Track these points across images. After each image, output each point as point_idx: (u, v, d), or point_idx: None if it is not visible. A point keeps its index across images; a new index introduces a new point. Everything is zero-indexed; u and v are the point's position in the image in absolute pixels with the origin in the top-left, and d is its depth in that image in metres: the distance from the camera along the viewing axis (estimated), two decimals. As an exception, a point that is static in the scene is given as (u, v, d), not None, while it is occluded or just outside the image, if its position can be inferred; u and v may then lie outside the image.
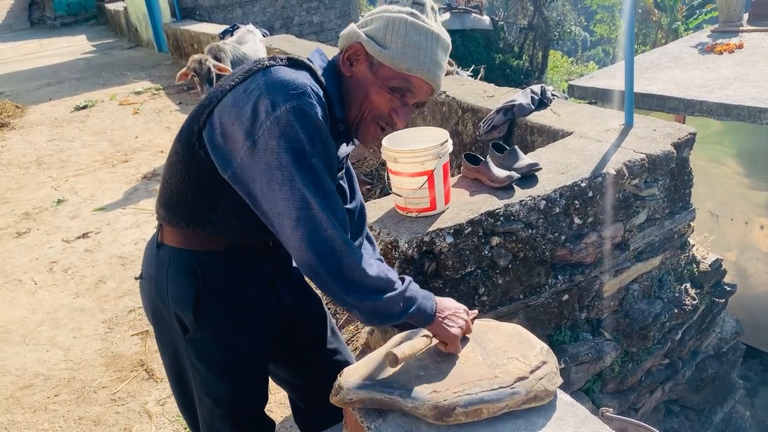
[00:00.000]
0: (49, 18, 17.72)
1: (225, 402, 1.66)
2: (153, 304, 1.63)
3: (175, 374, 1.71)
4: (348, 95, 1.52)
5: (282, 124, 1.33)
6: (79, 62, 11.27)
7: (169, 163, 1.56)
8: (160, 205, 1.59)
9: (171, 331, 1.62)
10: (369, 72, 1.49)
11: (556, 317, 2.69)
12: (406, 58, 1.46)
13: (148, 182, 5.40)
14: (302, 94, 1.36)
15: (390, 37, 1.46)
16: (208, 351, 1.60)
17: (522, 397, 1.43)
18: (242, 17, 10.33)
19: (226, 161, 1.41)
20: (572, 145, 2.87)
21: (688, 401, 3.51)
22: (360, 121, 1.53)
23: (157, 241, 1.61)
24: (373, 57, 1.48)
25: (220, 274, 1.56)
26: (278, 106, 1.34)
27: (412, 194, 2.26)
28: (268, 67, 1.43)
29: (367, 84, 1.49)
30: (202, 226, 1.52)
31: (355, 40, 1.49)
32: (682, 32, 15.44)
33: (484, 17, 18.52)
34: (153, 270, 1.61)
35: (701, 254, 3.29)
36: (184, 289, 1.54)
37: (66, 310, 3.60)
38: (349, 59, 1.51)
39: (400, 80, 1.48)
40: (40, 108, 8.16)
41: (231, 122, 1.39)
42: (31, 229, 4.70)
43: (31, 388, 2.99)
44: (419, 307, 1.46)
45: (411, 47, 1.46)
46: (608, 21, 26.87)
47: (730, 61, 5.78)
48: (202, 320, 1.56)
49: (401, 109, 1.52)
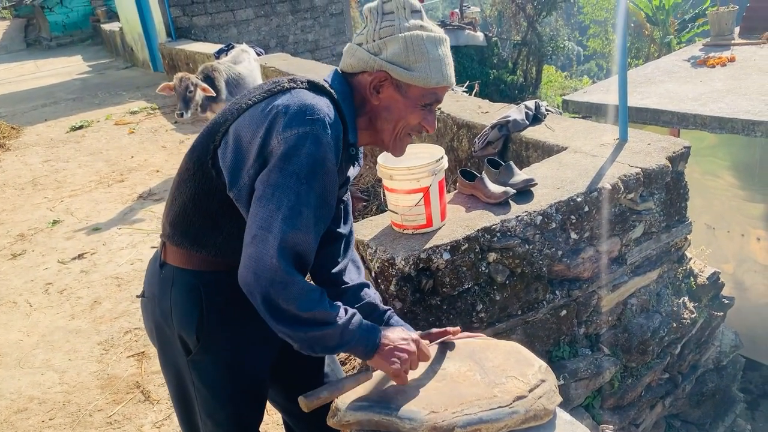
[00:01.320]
0: (44, 39, 17.81)
1: (226, 423, 1.65)
2: (156, 324, 1.61)
3: (178, 395, 1.69)
4: (377, 120, 1.54)
5: (288, 145, 1.34)
6: (74, 83, 11.31)
7: (180, 180, 1.55)
8: (167, 223, 1.58)
9: (174, 351, 1.60)
10: (399, 95, 1.51)
11: (555, 333, 2.68)
12: (433, 74, 1.49)
13: (143, 202, 5.38)
14: (317, 120, 1.36)
15: (414, 57, 1.47)
16: (210, 372, 1.59)
17: (521, 416, 1.42)
18: (237, 36, 10.38)
19: (235, 179, 1.41)
20: (567, 160, 2.87)
21: (688, 416, 3.49)
22: (395, 139, 1.57)
23: (161, 260, 1.59)
24: (401, 80, 1.49)
25: (223, 296, 1.55)
26: (290, 129, 1.35)
27: (408, 211, 2.26)
28: (288, 89, 1.44)
29: (400, 107, 1.52)
30: (206, 248, 1.51)
31: (377, 69, 1.49)
32: (675, 46, 15.58)
33: (477, 33, 18.64)
34: (156, 289, 1.59)
35: (698, 267, 3.29)
36: (187, 310, 1.53)
37: (61, 332, 3.57)
38: (375, 88, 1.52)
39: (431, 95, 1.52)
40: (36, 129, 8.16)
41: (247, 141, 1.40)
42: (26, 250, 4.67)
43: (26, 412, 2.96)
44: (358, 342, 1.44)
45: (435, 62, 1.49)
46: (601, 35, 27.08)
47: (722, 75, 5.83)
48: (205, 341, 1.55)
49: (429, 116, 1.56)
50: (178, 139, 7.02)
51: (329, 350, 1.43)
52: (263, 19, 10.96)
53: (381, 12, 1.50)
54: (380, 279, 2.28)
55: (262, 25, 10.96)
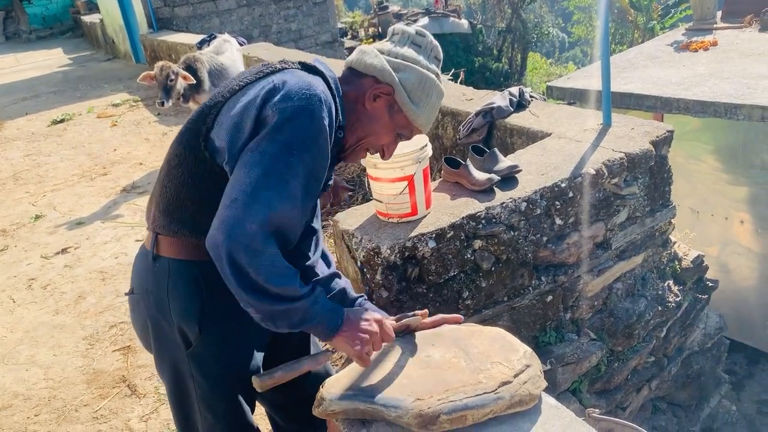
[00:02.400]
0: (24, 32, 17.54)
1: (225, 415, 1.64)
2: (152, 320, 1.58)
3: (176, 391, 1.67)
4: (355, 122, 1.57)
5: (282, 116, 1.34)
6: (55, 75, 11.15)
7: (169, 168, 1.52)
8: (159, 213, 1.54)
9: (172, 346, 1.58)
10: (387, 113, 1.58)
11: (541, 318, 2.69)
12: (424, 117, 1.61)
13: (127, 195, 5.33)
14: (313, 96, 1.38)
15: (420, 95, 1.58)
16: (211, 364, 1.58)
17: (506, 402, 1.42)
18: (220, 26, 10.28)
19: (231, 152, 1.40)
20: (551, 146, 2.87)
21: (674, 398, 3.52)
22: (354, 148, 1.61)
23: (153, 254, 1.55)
24: (398, 103, 1.57)
25: (223, 285, 1.52)
26: (286, 101, 1.36)
27: (392, 200, 2.25)
28: (281, 69, 1.47)
29: (380, 123, 1.58)
30: (204, 231, 1.49)
31: (388, 81, 1.55)
32: (658, 31, 15.62)
33: (462, 21, 18.61)
34: (149, 284, 1.56)
35: (683, 251, 3.31)
36: (188, 302, 1.51)
37: (45, 328, 3.54)
38: (375, 95, 1.56)
39: (410, 130, 1.63)
40: (17, 123, 8.05)
41: (241, 116, 1.40)
42: (9, 245, 4.61)
43: (11, 408, 2.93)
44: (319, 321, 1.42)
45: (430, 108, 1.61)
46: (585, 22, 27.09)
47: (705, 59, 5.85)
48: (206, 333, 1.53)
49: (393, 145, 1.66)
50: (162, 132, 6.95)
51: (291, 326, 1.41)
52: (246, 8, 10.85)
53: (411, 40, 1.61)
54: (366, 268, 2.27)
55: (244, 14, 10.85)
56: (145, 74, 4.74)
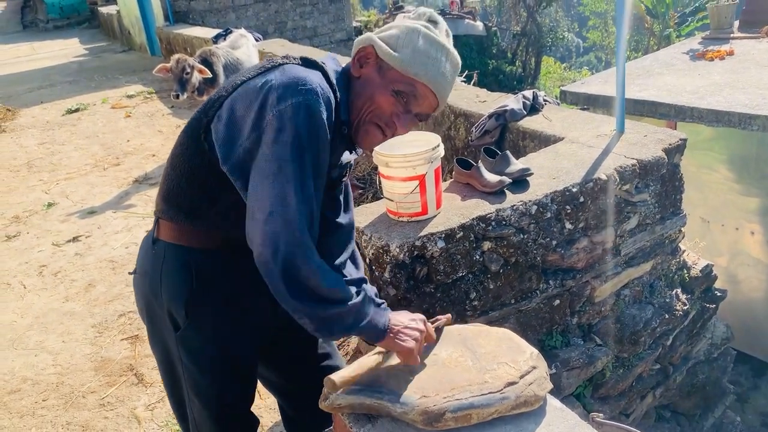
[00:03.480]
0: (41, 21, 17.67)
1: (214, 402, 1.65)
2: (146, 300, 1.62)
3: (166, 371, 1.70)
4: (354, 97, 1.53)
5: (284, 118, 1.34)
6: (71, 65, 11.23)
7: (172, 155, 1.56)
8: (160, 198, 1.59)
9: (163, 327, 1.61)
10: (377, 74, 1.51)
11: (548, 322, 2.69)
12: (414, 63, 1.48)
13: (139, 186, 5.37)
14: (309, 91, 1.37)
15: (402, 42, 1.49)
16: (198, 349, 1.59)
17: (511, 402, 1.43)
18: (236, 21, 10.33)
19: (228, 153, 1.41)
20: (564, 151, 2.87)
21: (679, 406, 3.52)
22: (360, 122, 1.53)
23: (153, 237, 1.60)
24: (383, 60, 1.50)
25: (214, 273, 1.55)
26: (284, 100, 1.35)
27: (403, 199, 2.26)
28: (281, 65, 1.45)
29: (373, 85, 1.50)
30: (200, 218, 1.51)
31: (368, 43, 1.52)
32: (674, 39, 15.55)
33: (477, 23, 18.57)
34: (147, 266, 1.60)
35: (692, 260, 3.30)
36: (177, 286, 1.54)
37: (55, 314, 3.57)
38: (360, 61, 1.53)
39: (406, 84, 1.49)
40: (32, 111, 8.12)
41: (240, 115, 1.41)
42: (21, 232, 4.66)
43: (19, 392, 2.97)
44: (370, 322, 1.44)
45: (420, 54, 1.48)
46: (601, 27, 27.02)
47: (720, 68, 5.82)
48: (194, 318, 1.55)
49: (403, 115, 1.52)
50: (175, 124, 7.00)
51: (345, 330, 1.43)
52: (262, 4, 10.90)
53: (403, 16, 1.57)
54: (374, 266, 2.28)
55: (260, 10, 10.90)
56: (161, 66, 4.77)
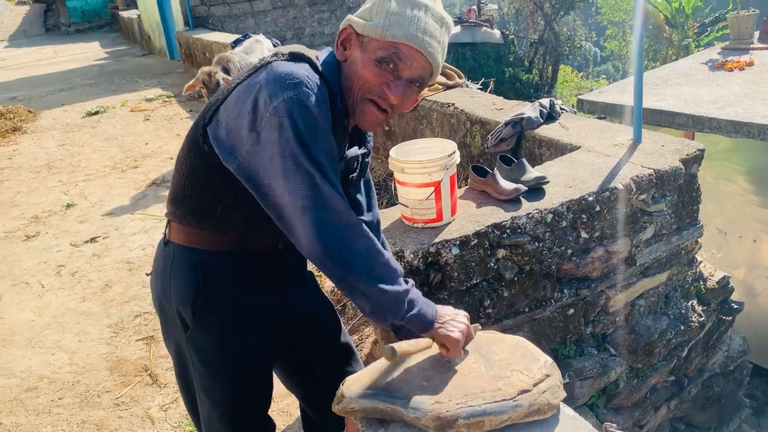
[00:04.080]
0: (63, 24, 17.93)
1: (222, 403, 1.66)
2: (158, 300, 1.65)
3: (180, 370, 1.73)
4: (344, 80, 1.50)
5: (281, 115, 1.34)
6: (92, 68, 11.39)
7: (177, 158, 1.59)
8: (168, 201, 1.61)
9: (174, 327, 1.63)
10: (360, 52, 1.47)
11: (562, 331, 2.68)
12: (390, 25, 1.42)
13: (156, 188, 5.43)
14: (298, 84, 1.36)
15: (375, 10, 1.45)
16: (206, 351, 1.61)
17: (524, 410, 1.42)
18: (254, 27, 10.41)
19: (231, 154, 1.42)
20: (580, 159, 2.87)
21: (693, 419, 3.48)
22: (354, 103, 1.50)
23: (165, 239, 1.63)
24: (363, 35, 1.46)
25: (223, 275, 1.56)
26: (275, 98, 1.35)
27: (418, 205, 2.27)
28: (269, 63, 1.45)
29: (357, 62, 1.47)
30: (206, 218, 1.53)
31: (345, 24, 1.50)
32: (693, 49, 15.45)
33: (494, 31, 18.57)
34: (160, 266, 1.63)
35: (709, 271, 3.27)
36: (185, 286, 1.55)
37: (72, 314, 3.62)
38: (343, 44, 1.51)
39: (386, 49, 1.44)
40: (53, 113, 8.24)
41: (234, 117, 1.42)
42: (40, 232, 4.73)
43: (36, 390, 3.00)
44: (420, 310, 1.44)
45: (395, 15, 1.43)
46: (619, 37, 26.89)
47: (740, 78, 5.78)
48: (201, 319, 1.57)
49: (393, 82, 1.46)
50: (193, 128, 7.06)
51: (398, 315, 1.42)
52: (280, 10, 10.98)
53: None
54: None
55: (279, 16, 10.98)
56: (190, 85, 4.86)
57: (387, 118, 1.54)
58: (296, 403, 2.66)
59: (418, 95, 1.57)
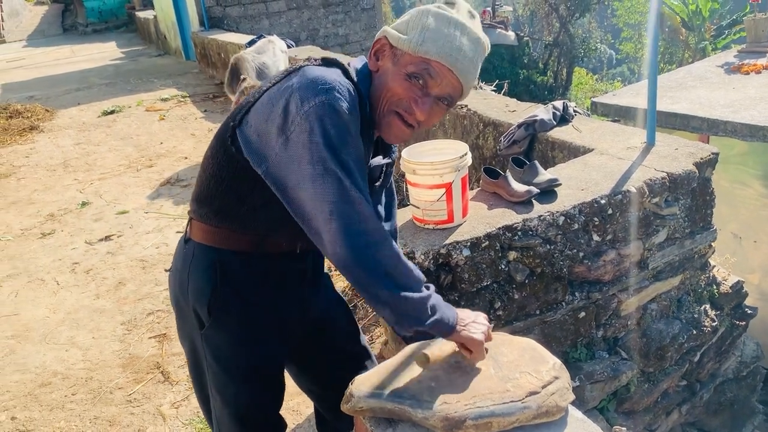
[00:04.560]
0: (81, 24, 18.12)
1: (234, 402, 1.67)
2: (175, 297, 1.67)
3: (194, 368, 1.74)
4: (374, 90, 1.52)
5: (311, 120, 1.35)
6: (108, 68, 11.49)
7: (205, 158, 1.59)
8: (192, 199, 1.63)
9: (190, 324, 1.65)
10: (392, 64, 1.49)
11: (573, 334, 2.67)
12: (424, 41, 1.44)
13: (171, 187, 5.47)
14: (330, 89, 1.37)
15: (412, 24, 1.47)
16: (220, 349, 1.62)
17: (533, 411, 1.42)
18: (269, 28, 10.46)
19: (260, 158, 1.43)
20: (593, 162, 2.86)
21: (705, 425, 3.45)
22: (381, 115, 1.52)
23: (186, 236, 1.64)
24: (396, 48, 1.48)
25: (241, 275, 1.57)
26: (307, 102, 1.36)
27: (429, 206, 2.27)
28: (301, 67, 1.46)
29: (388, 74, 1.49)
30: (229, 219, 1.54)
31: (381, 35, 1.52)
32: (710, 52, 15.33)
33: (509, 33, 18.54)
34: (179, 263, 1.64)
35: (722, 276, 3.25)
36: (202, 284, 1.57)
37: (86, 311, 3.65)
38: (376, 54, 1.52)
39: (418, 65, 1.45)
40: (69, 112, 8.32)
41: (264, 120, 1.42)
42: (56, 230, 4.78)
43: (50, 386, 3.04)
44: (443, 315, 1.44)
45: (430, 32, 1.44)
46: (635, 39, 26.73)
47: (756, 82, 5.73)
48: (217, 318, 1.58)
49: (421, 98, 1.48)
50: (207, 128, 7.11)
51: (421, 321, 1.41)
52: (295, 11, 11.02)
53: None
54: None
55: (293, 17, 11.02)
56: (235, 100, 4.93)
57: (412, 132, 1.55)
58: (307, 401, 2.69)
59: (445, 112, 1.57)
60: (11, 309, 3.73)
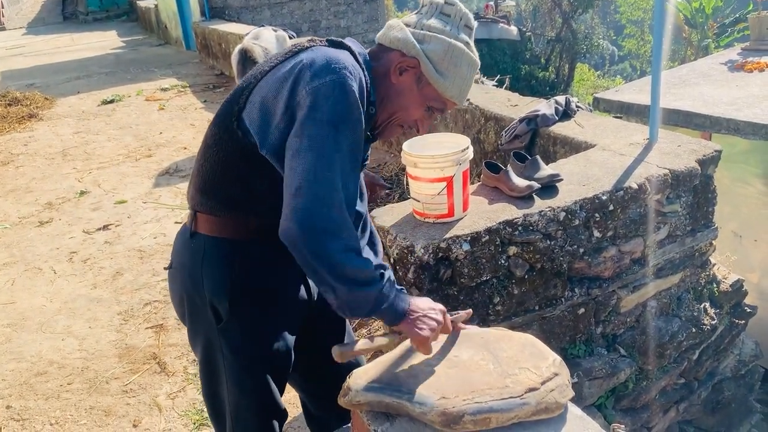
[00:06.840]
0: (81, 13, 18.05)
1: (251, 392, 1.67)
2: (187, 294, 1.63)
3: (206, 365, 1.71)
4: (384, 98, 1.55)
5: (318, 95, 1.35)
6: (108, 57, 11.45)
7: (205, 146, 1.57)
8: (196, 191, 1.58)
9: (204, 321, 1.62)
10: (415, 86, 1.55)
11: (571, 331, 2.66)
12: (454, 88, 1.56)
13: (170, 177, 5.45)
14: (343, 68, 1.38)
15: (447, 65, 1.53)
16: (239, 341, 1.61)
17: (532, 408, 1.41)
18: (270, 19, 10.42)
19: (265, 137, 1.42)
20: (595, 158, 2.84)
21: (702, 423, 3.45)
22: (386, 124, 1.59)
23: (191, 231, 1.60)
24: (425, 76, 1.54)
25: (256, 264, 1.56)
26: (318, 78, 1.36)
27: (430, 200, 2.25)
28: (310, 47, 1.47)
29: (409, 96, 1.56)
30: (238, 207, 1.52)
31: (413, 54, 1.53)
32: (713, 50, 15.29)
33: (511, 28, 18.49)
34: (186, 259, 1.61)
35: (722, 274, 3.23)
36: (219, 277, 1.54)
37: (83, 300, 3.64)
38: (400, 69, 1.54)
39: (439, 101, 1.58)
40: (68, 100, 8.29)
41: (273, 97, 1.41)
42: (53, 218, 4.76)
43: (45, 375, 3.03)
44: (390, 305, 1.43)
45: (461, 79, 1.56)
46: (637, 36, 26.65)
47: (759, 80, 5.70)
48: (237, 309, 1.56)
49: (428, 120, 1.62)
50: (207, 118, 7.08)
51: (366, 312, 1.42)
52: (297, 2, 10.98)
53: (439, 10, 1.56)
54: (398, 266, 2.28)
55: (295, 8, 10.98)
56: None
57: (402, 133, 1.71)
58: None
59: None
60: (8, 297, 3.71)
